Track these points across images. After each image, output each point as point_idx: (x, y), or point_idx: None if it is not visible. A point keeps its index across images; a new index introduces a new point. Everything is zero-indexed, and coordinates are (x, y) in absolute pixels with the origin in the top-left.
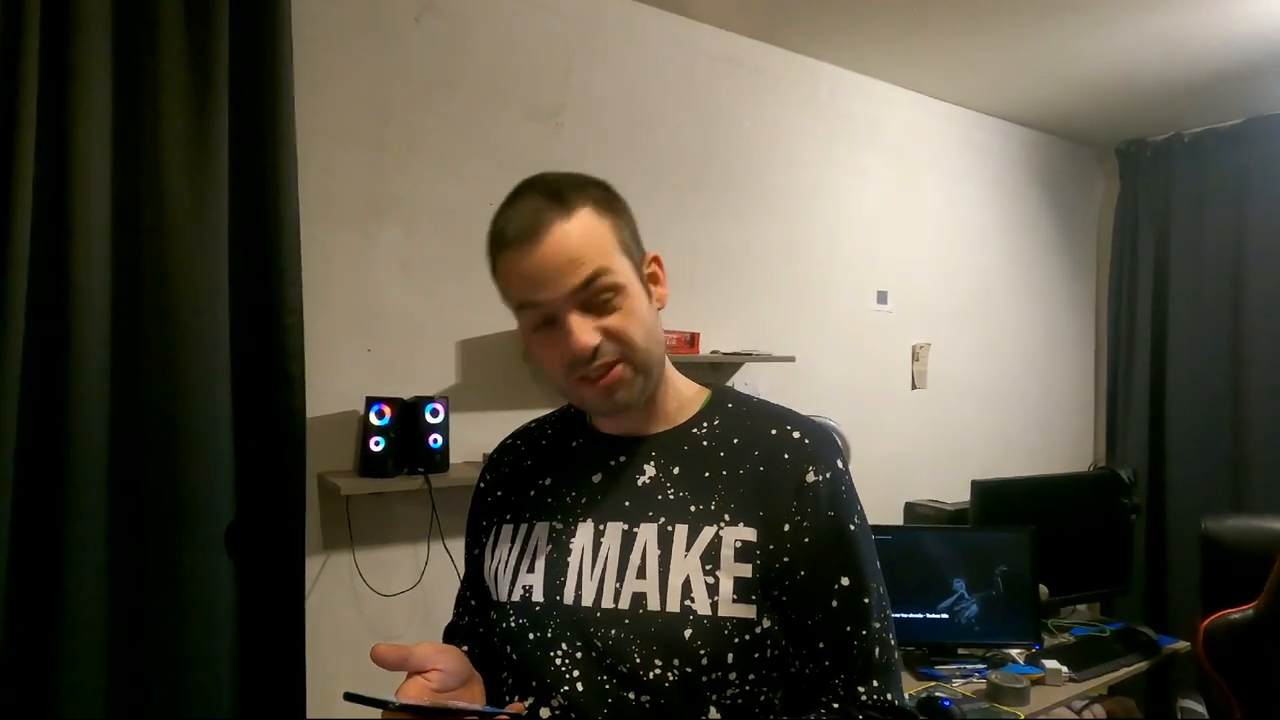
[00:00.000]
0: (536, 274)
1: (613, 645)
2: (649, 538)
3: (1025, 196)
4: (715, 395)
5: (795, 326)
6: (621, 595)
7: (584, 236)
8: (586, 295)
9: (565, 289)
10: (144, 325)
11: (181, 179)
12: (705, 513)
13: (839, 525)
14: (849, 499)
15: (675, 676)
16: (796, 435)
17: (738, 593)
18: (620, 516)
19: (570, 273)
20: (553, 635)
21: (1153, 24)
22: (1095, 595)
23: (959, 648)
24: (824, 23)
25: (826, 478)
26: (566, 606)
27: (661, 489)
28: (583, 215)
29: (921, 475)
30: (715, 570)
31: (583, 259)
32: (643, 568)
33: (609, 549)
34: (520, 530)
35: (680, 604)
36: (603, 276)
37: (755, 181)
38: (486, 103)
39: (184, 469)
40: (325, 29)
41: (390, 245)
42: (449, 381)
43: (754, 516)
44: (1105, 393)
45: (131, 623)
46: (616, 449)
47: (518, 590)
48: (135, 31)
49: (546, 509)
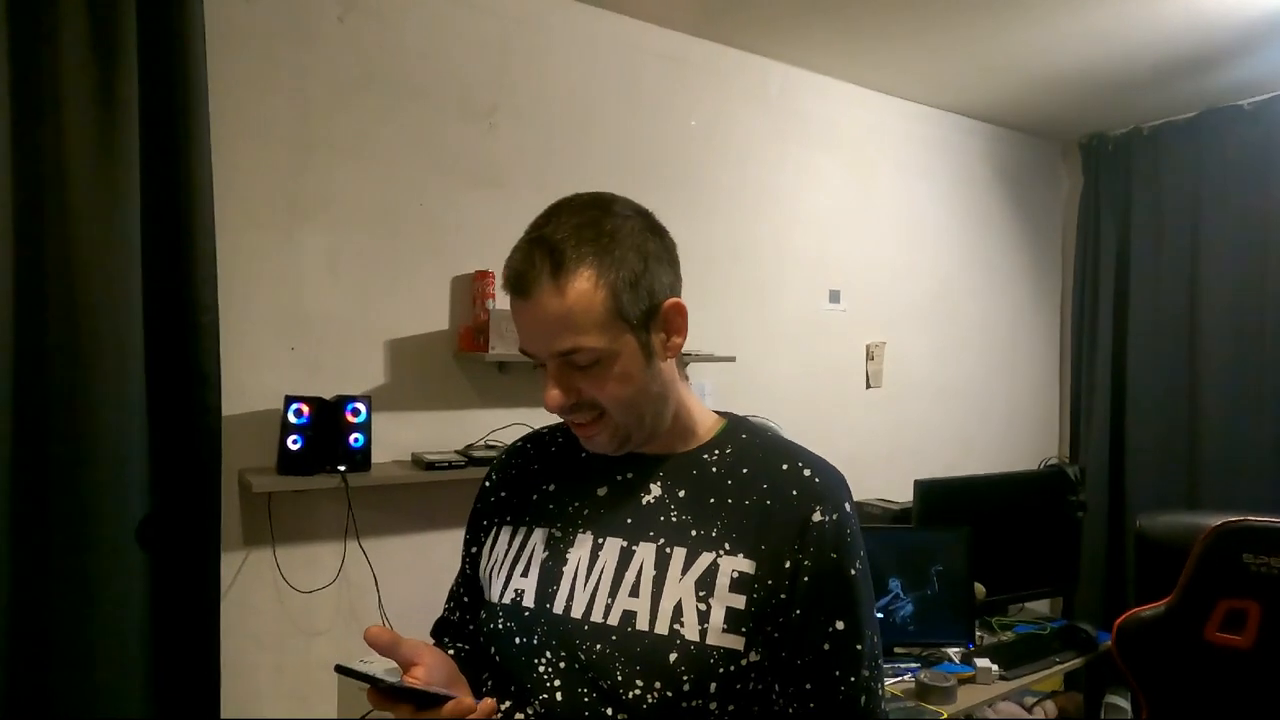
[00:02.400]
0: (523, 326)
1: (596, 659)
2: (646, 557)
3: (988, 192)
4: (730, 424)
5: (741, 326)
6: (612, 611)
7: (569, 309)
8: (569, 362)
9: (544, 350)
10: (48, 322)
11: (88, 177)
12: (705, 539)
13: (840, 568)
14: (853, 543)
15: (655, 699)
16: (807, 473)
17: (728, 623)
18: (620, 533)
19: (551, 339)
20: (538, 642)
21: (1089, 18)
22: (1040, 594)
23: (895, 647)
24: (769, 21)
25: (833, 519)
26: (555, 615)
27: (665, 510)
28: (575, 284)
29: (877, 475)
30: (709, 597)
31: (564, 331)
32: (636, 586)
33: (605, 563)
34: (519, 533)
35: (669, 627)
36: (581, 351)
37: (700, 180)
38: (415, 102)
39: (91, 463)
40: (243, 29)
41: (315, 245)
42: (376, 381)
43: (754, 549)
44: (1070, 391)
45: (34, 618)
46: (625, 465)
47: (509, 593)
48: (33, 19)
49: (547, 515)
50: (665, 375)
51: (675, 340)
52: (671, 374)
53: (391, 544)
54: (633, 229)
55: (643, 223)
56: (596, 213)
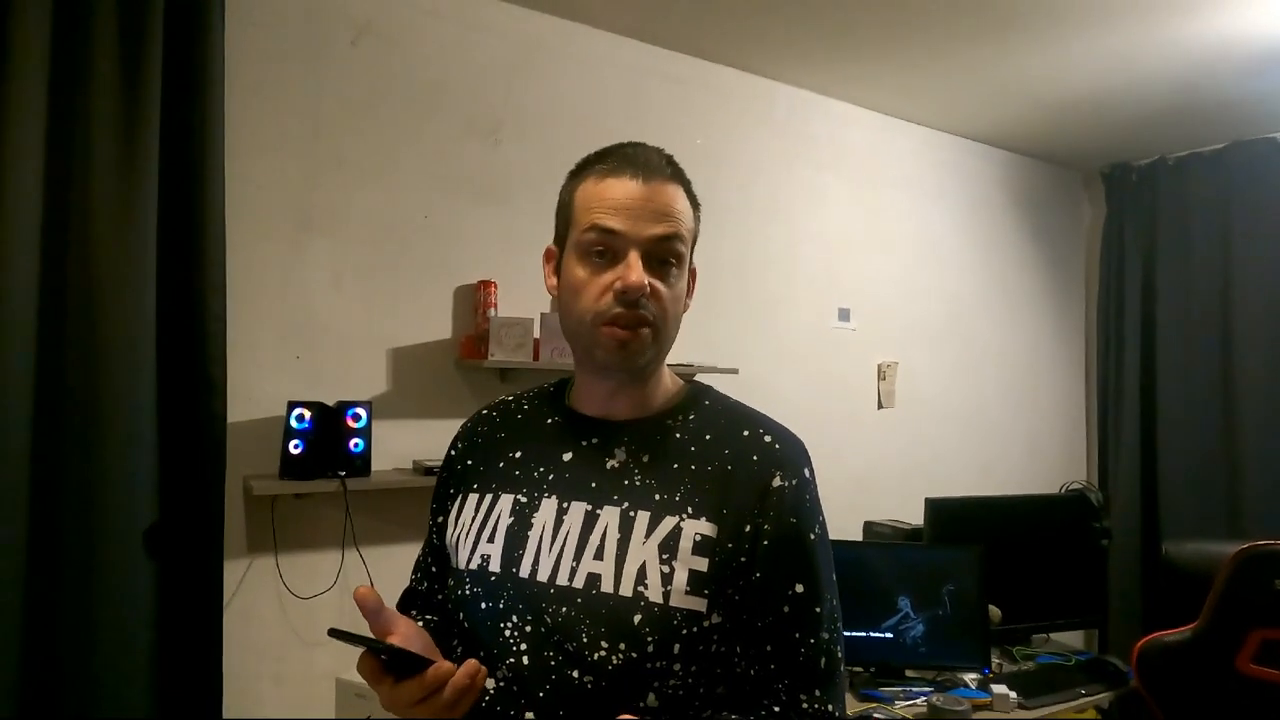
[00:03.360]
0: (632, 204)
1: (562, 622)
2: (611, 521)
3: (1004, 218)
4: (693, 391)
5: (746, 340)
6: (577, 574)
7: (680, 203)
8: (658, 250)
9: (649, 232)
10: (68, 325)
11: (111, 187)
12: (669, 503)
13: (799, 532)
14: (812, 508)
15: (619, 660)
16: (768, 439)
17: (691, 585)
18: (585, 497)
19: (660, 221)
20: (504, 607)
21: (1101, 43)
22: (1067, 625)
23: (906, 669)
24: (776, 44)
25: (792, 484)
26: (521, 579)
27: (629, 475)
28: (684, 191)
29: (890, 496)
30: (672, 560)
31: (671, 218)
32: (601, 549)
33: (570, 527)
34: (485, 500)
35: (633, 589)
36: (678, 241)
37: (706, 197)
38: (421, 120)
39: (105, 468)
40: (260, 51)
41: (320, 255)
42: (379, 389)
43: (716, 513)
44: (1096, 417)
45: (45, 618)
46: (590, 430)
47: (475, 559)
48: (70, 43)
49: (513, 481)
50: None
51: (690, 299)
52: None
53: (390, 552)
54: None
55: None
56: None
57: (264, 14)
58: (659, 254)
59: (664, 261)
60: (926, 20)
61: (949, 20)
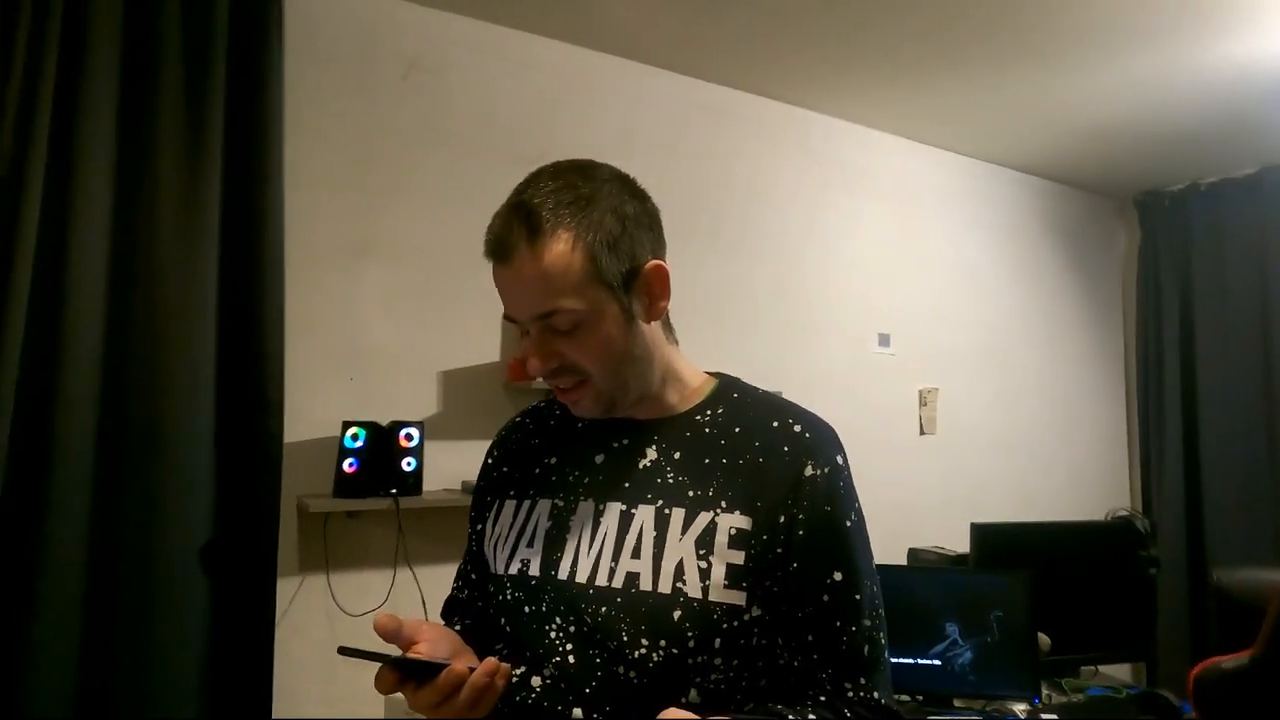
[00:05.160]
0: (509, 289)
1: (603, 622)
2: (646, 519)
3: (1041, 245)
4: (721, 385)
5: (784, 364)
6: (616, 574)
7: (546, 271)
8: (550, 323)
9: (531, 313)
10: (132, 345)
11: (176, 215)
12: (703, 498)
13: (835, 520)
14: (847, 495)
15: (661, 656)
16: (798, 429)
17: (729, 579)
18: (620, 497)
19: (530, 302)
20: (546, 609)
21: (1131, 69)
22: (1116, 657)
23: (954, 697)
24: (811, 74)
25: (824, 472)
26: (561, 582)
27: (661, 473)
28: (552, 247)
29: (933, 522)
30: (709, 555)
31: (542, 293)
32: (638, 548)
33: (607, 528)
34: (523, 506)
35: (672, 586)
36: (559, 313)
37: (743, 224)
38: (469, 151)
39: (164, 485)
40: (316, 87)
41: (373, 282)
42: (429, 410)
43: (750, 505)
44: (1138, 443)
45: (104, 630)
46: (621, 431)
47: (515, 564)
48: (137, 81)
49: (550, 486)
50: (649, 338)
51: (659, 304)
52: (656, 337)
53: (440, 570)
54: (611, 192)
55: (622, 186)
56: (575, 177)
57: (320, 52)
58: (552, 325)
59: (564, 331)
60: (962, 50)
61: (984, 50)
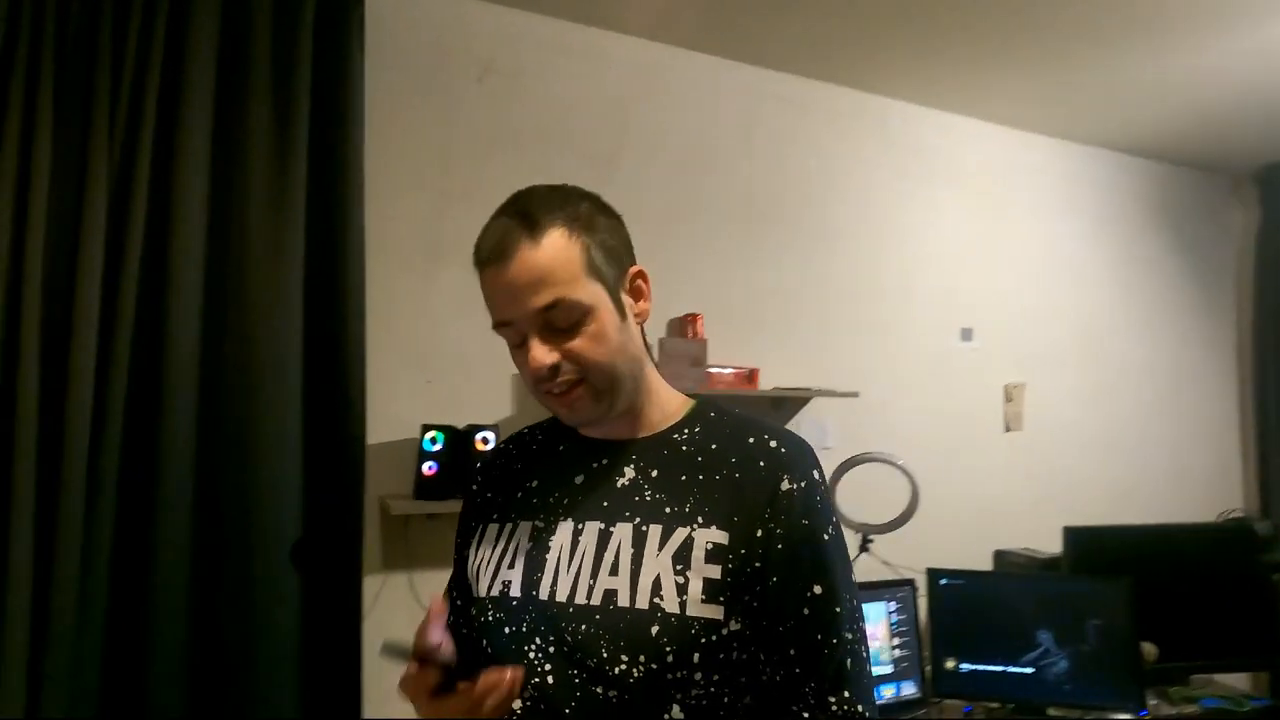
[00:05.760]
0: (504, 294)
1: (582, 640)
2: (624, 537)
3: (1142, 229)
4: (699, 405)
5: (865, 363)
6: (594, 592)
7: (549, 261)
8: (549, 318)
9: (528, 311)
10: (226, 346)
11: (264, 223)
12: (679, 514)
13: (812, 533)
14: (823, 509)
15: (640, 672)
16: (773, 444)
17: (706, 593)
18: (598, 516)
19: (532, 296)
20: (527, 629)
21: (1250, 40)
22: (1233, 666)
23: (1049, 707)
24: (886, 60)
25: (801, 486)
26: (541, 601)
27: (639, 491)
28: (551, 238)
29: (1020, 524)
30: (686, 570)
31: (544, 285)
32: (616, 565)
33: (585, 547)
34: (505, 529)
35: (649, 601)
36: (564, 303)
37: (821, 218)
38: (544, 152)
39: (257, 483)
40: (395, 93)
41: (450, 285)
42: (504, 413)
43: (727, 520)
44: (1255, 439)
45: (210, 623)
46: (599, 452)
47: (497, 585)
48: (229, 91)
49: (530, 509)
50: (638, 342)
51: (643, 305)
52: (641, 345)
53: None
54: (591, 204)
55: (595, 203)
56: (555, 193)
57: (398, 57)
58: (553, 320)
59: (563, 323)
60: (1050, 26)
61: (1075, 24)
